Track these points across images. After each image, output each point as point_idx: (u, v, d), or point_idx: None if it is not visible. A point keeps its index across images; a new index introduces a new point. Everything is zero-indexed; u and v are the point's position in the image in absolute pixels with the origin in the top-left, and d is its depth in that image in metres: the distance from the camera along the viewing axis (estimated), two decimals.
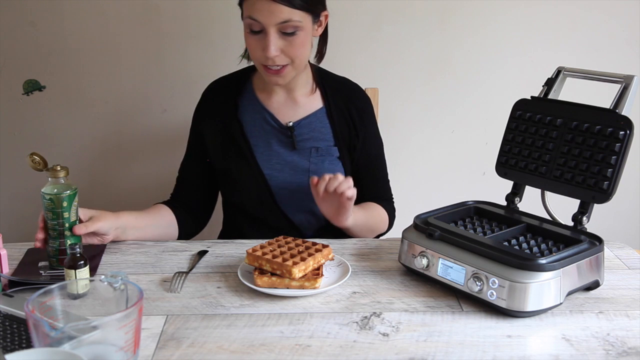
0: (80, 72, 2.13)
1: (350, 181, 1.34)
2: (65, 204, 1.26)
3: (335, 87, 1.60)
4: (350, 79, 1.70)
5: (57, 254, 1.27)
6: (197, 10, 2.08)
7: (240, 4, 1.44)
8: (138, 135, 2.19)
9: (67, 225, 1.27)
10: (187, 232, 1.58)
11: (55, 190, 1.26)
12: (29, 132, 2.18)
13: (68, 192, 1.27)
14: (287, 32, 1.38)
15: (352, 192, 1.34)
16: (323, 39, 1.54)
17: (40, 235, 1.28)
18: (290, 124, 1.53)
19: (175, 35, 2.10)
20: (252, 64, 1.56)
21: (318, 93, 1.58)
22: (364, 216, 1.50)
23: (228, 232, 1.67)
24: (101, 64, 2.13)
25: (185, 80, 2.14)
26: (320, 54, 1.56)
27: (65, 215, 1.27)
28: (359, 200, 1.64)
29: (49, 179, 1.28)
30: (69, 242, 1.27)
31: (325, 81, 1.59)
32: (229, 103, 1.56)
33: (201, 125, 1.59)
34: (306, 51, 1.45)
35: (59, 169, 1.29)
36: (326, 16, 1.48)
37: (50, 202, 1.25)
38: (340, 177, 1.33)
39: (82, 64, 2.12)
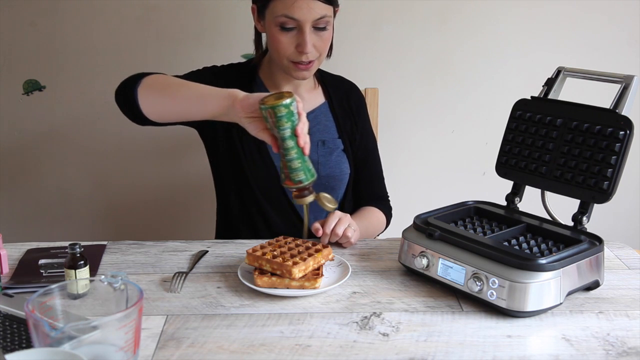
0: (80, 72, 2.13)
1: (346, 221, 1.38)
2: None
3: (334, 83, 1.66)
4: (351, 79, 1.72)
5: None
6: (197, 11, 2.08)
7: (264, 4, 1.45)
8: (138, 136, 2.19)
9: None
10: None
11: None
12: (29, 132, 2.18)
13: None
14: (320, 27, 1.44)
15: (353, 238, 1.39)
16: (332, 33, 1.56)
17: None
18: None
19: (175, 35, 2.10)
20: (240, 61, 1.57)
21: (320, 89, 1.64)
22: (363, 225, 1.51)
23: (234, 224, 1.66)
24: (101, 64, 2.13)
25: None
26: (330, 47, 1.57)
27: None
28: (356, 198, 1.65)
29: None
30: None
31: (325, 78, 1.65)
32: (243, 88, 1.56)
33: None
34: (329, 44, 1.52)
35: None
36: (336, 12, 1.52)
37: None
38: (335, 235, 1.36)
39: (82, 64, 2.12)
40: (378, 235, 1.65)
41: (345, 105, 1.64)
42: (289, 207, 1.56)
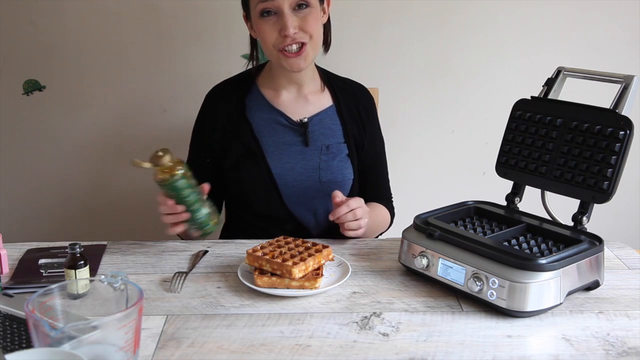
0: (80, 72, 2.13)
1: (357, 213, 1.38)
2: (189, 173, 1.28)
3: (343, 86, 1.63)
4: (351, 78, 1.71)
5: (209, 219, 1.31)
6: (197, 10, 2.08)
7: (246, 3, 1.46)
8: (138, 136, 2.19)
9: (198, 189, 1.29)
10: None
11: (177, 169, 1.25)
12: (29, 132, 2.18)
13: (183, 165, 1.27)
14: (300, 5, 1.42)
15: (354, 233, 1.39)
16: (328, 27, 1.55)
17: (183, 215, 1.29)
18: (305, 119, 1.54)
19: (175, 35, 2.10)
20: (248, 66, 1.58)
21: (327, 92, 1.61)
22: (372, 213, 1.50)
23: (231, 229, 1.67)
24: (101, 64, 2.13)
25: (186, 80, 2.14)
26: (327, 43, 1.56)
27: (193, 182, 1.28)
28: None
29: (159, 167, 1.25)
30: (207, 203, 1.30)
31: (332, 81, 1.62)
32: (236, 103, 1.56)
33: (206, 127, 1.59)
34: (320, 28, 1.49)
35: (161, 154, 1.25)
36: (329, 3, 1.51)
37: (183, 181, 1.26)
38: (352, 214, 1.37)
39: (82, 64, 2.12)
40: (380, 235, 1.65)
41: (354, 109, 1.60)
42: (289, 217, 1.56)
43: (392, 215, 1.68)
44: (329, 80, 1.62)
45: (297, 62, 1.46)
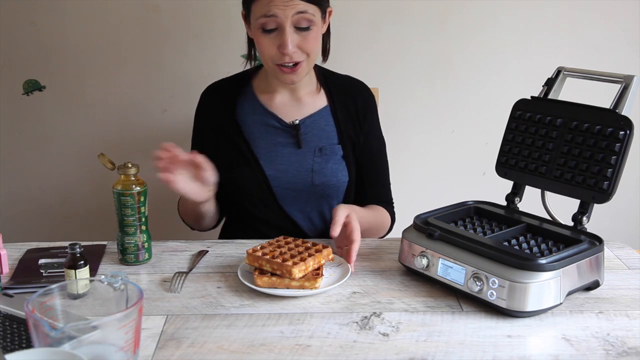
0: (80, 72, 2.13)
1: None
2: (142, 198, 1.29)
3: (340, 84, 1.61)
4: (350, 76, 1.70)
5: (136, 250, 1.30)
6: (197, 10, 2.08)
7: (248, 7, 1.44)
8: (138, 136, 2.19)
9: (143, 219, 1.30)
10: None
11: (134, 186, 1.28)
12: (29, 132, 2.18)
13: (144, 187, 1.30)
14: (302, 26, 1.40)
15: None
16: (327, 35, 1.54)
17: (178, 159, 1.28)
18: (297, 121, 1.53)
19: (175, 35, 2.10)
20: (248, 67, 1.58)
21: (322, 92, 1.59)
22: (368, 218, 1.49)
23: (230, 231, 1.67)
24: (101, 64, 2.13)
25: (185, 80, 2.14)
26: (326, 50, 1.55)
27: (143, 209, 1.29)
28: (360, 201, 1.63)
29: (121, 176, 1.30)
30: (144, 237, 1.31)
31: (329, 80, 1.60)
32: (227, 105, 1.56)
33: (200, 126, 1.61)
34: (319, 46, 1.48)
35: (130, 165, 1.29)
36: (330, 12, 1.50)
37: (130, 199, 1.27)
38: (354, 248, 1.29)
39: (82, 64, 2.12)
40: (382, 238, 1.64)
41: (351, 107, 1.58)
42: (285, 219, 1.56)
43: (393, 220, 1.65)
44: (326, 79, 1.60)
45: (290, 78, 1.46)
